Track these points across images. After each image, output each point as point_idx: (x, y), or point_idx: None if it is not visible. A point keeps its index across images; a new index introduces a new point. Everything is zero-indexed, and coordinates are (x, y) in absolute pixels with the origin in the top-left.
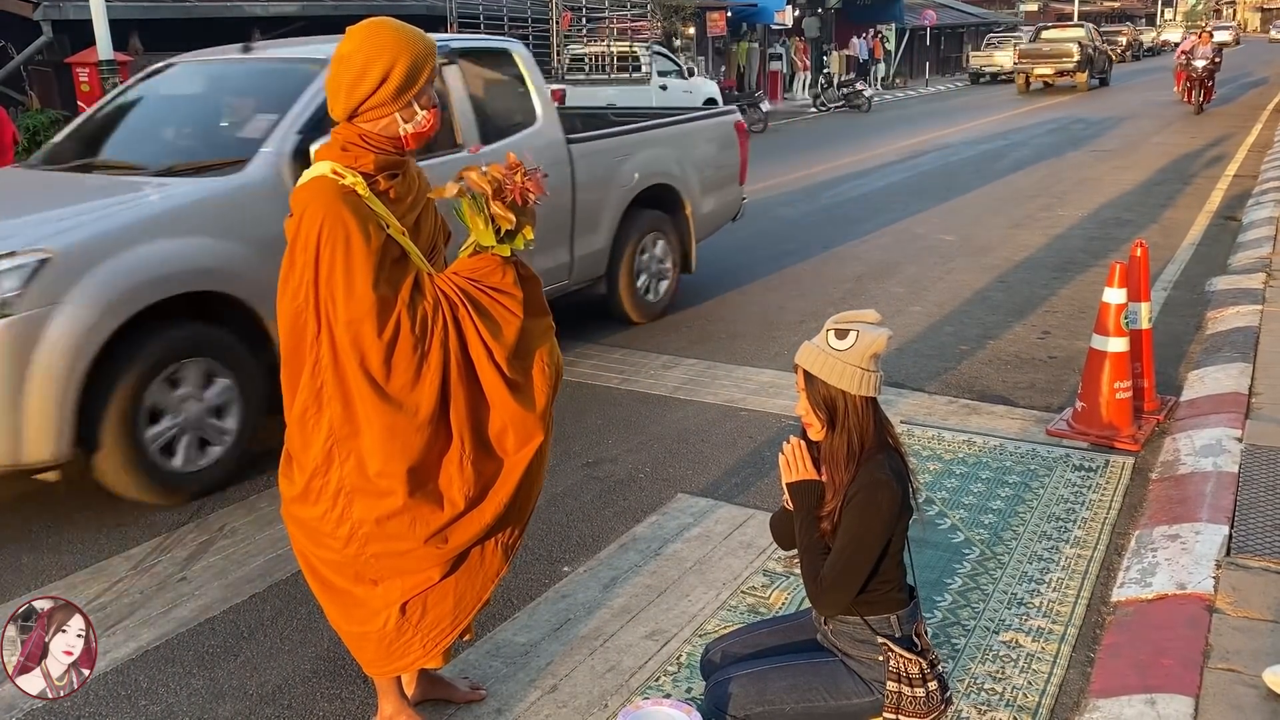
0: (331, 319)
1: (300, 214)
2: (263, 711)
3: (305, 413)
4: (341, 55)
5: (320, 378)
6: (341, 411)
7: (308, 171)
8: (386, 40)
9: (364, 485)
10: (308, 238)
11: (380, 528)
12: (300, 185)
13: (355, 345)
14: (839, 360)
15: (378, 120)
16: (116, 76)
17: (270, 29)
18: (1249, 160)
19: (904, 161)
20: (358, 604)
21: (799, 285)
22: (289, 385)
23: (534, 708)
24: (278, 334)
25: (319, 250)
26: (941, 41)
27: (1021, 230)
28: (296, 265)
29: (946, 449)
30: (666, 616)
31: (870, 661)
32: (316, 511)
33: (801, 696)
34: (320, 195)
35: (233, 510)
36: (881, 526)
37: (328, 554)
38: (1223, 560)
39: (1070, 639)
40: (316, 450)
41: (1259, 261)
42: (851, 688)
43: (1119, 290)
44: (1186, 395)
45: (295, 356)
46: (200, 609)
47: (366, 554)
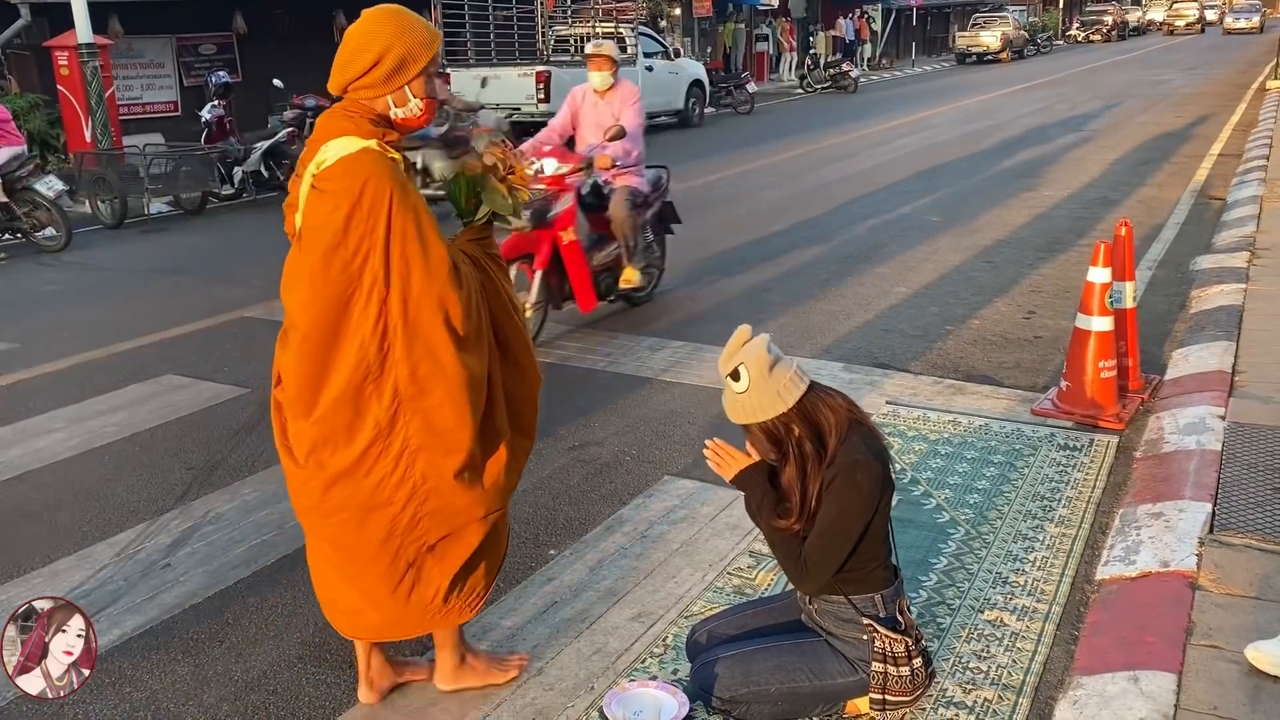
0: (406, 283)
1: (360, 186)
2: (248, 697)
3: (362, 383)
4: (348, 34)
5: (388, 341)
6: (409, 373)
7: (346, 144)
8: (386, 26)
9: (430, 443)
10: (375, 207)
11: (443, 483)
12: (348, 158)
13: (441, 304)
14: (750, 398)
15: (368, 100)
16: (96, 60)
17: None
18: (1233, 139)
19: (890, 142)
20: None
21: (785, 267)
22: (316, 365)
23: (520, 691)
24: None
25: (390, 218)
26: (928, 22)
27: (1007, 210)
28: (352, 236)
29: (932, 429)
30: (653, 598)
31: (855, 641)
32: (374, 479)
33: (786, 677)
34: (379, 166)
35: (217, 496)
36: (863, 505)
37: (375, 530)
38: (1205, 538)
39: (1055, 617)
40: (376, 416)
41: (1243, 240)
42: (836, 667)
43: (1104, 269)
44: (1171, 374)
45: (335, 333)
46: (185, 595)
47: (423, 512)
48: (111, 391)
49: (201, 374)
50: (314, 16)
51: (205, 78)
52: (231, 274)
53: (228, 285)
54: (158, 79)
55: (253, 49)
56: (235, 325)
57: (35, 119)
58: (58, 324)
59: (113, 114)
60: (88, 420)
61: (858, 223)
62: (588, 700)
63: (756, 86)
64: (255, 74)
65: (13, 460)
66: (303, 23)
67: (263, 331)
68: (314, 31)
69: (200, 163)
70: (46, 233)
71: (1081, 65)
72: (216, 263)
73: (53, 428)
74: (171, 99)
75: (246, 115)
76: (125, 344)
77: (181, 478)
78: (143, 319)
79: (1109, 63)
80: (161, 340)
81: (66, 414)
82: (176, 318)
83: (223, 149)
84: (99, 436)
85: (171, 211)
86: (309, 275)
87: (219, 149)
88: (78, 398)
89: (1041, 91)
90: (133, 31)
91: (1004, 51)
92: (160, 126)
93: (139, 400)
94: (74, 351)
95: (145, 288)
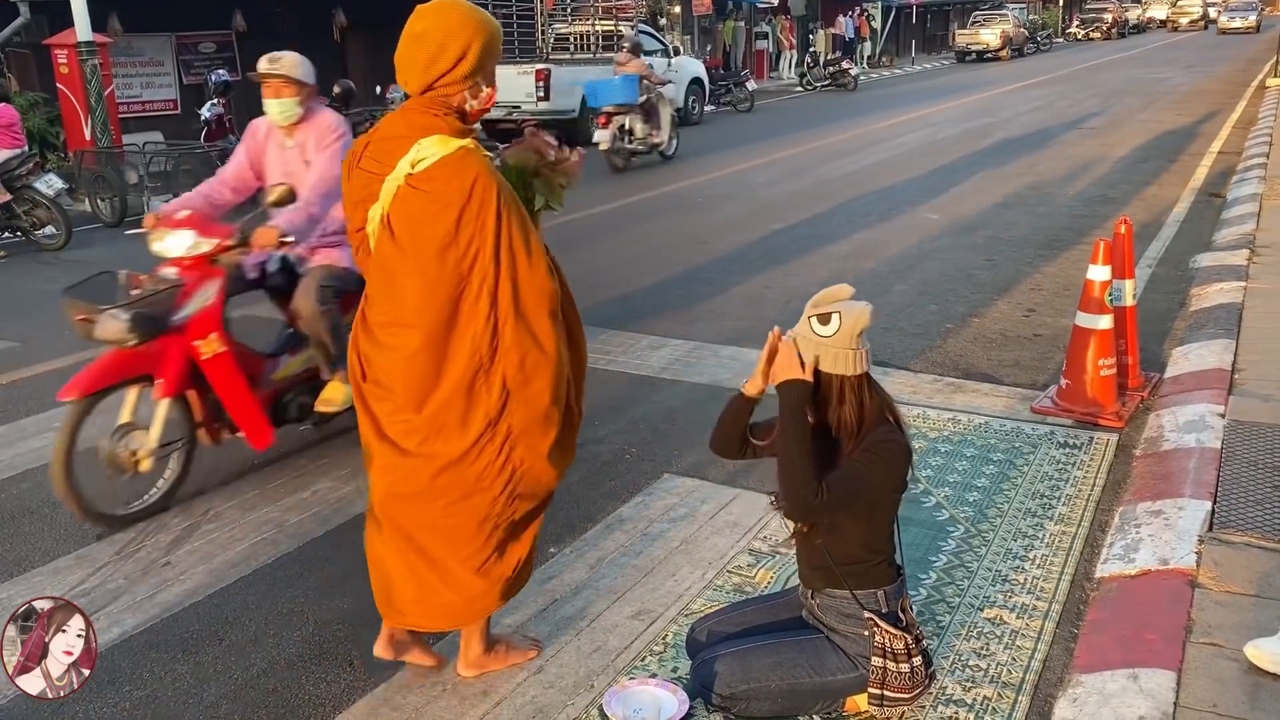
0: (515, 275)
1: (470, 184)
2: (247, 695)
3: (475, 377)
4: (417, 33)
5: (499, 334)
6: (517, 362)
7: (441, 142)
8: (467, 23)
9: (530, 429)
10: (484, 206)
11: (536, 465)
12: (451, 159)
13: (544, 293)
14: (829, 346)
15: (450, 96)
16: (96, 58)
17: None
18: (1233, 137)
19: (890, 140)
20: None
21: (785, 265)
22: (433, 362)
23: (520, 689)
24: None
25: (500, 213)
26: (928, 19)
27: (1007, 208)
28: (463, 235)
29: (931, 427)
30: (653, 596)
31: (855, 636)
32: (479, 466)
33: (786, 674)
34: (484, 166)
35: (217, 494)
36: (888, 470)
37: (474, 513)
38: (1205, 536)
39: (1054, 615)
40: (487, 408)
41: (1243, 238)
42: (836, 663)
43: (1103, 267)
44: (1170, 372)
45: (448, 329)
46: (184, 594)
47: (516, 494)
48: None
49: None
50: (313, 16)
51: (205, 76)
52: None
53: None
54: (157, 77)
55: (253, 47)
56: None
57: (35, 117)
58: (58, 322)
59: (112, 112)
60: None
61: (857, 220)
62: (588, 698)
63: (756, 84)
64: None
65: (12, 459)
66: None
67: (260, 329)
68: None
69: (200, 161)
70: (46, 231)
71: (1081, 63)
72: None
73: (53, 426)
74: (171, 97)
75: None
76: None
77: None
78: None
79: (1109, 60)
80: None
81: None
82: None
83: (222, 147)
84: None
85: None
86: (421, 276)
87: (218, 147)
88: None
89: (1041, 89)
90: (132, 29)
91: (1004, 49)
92: (160, 125)
93: None
94: (74, 350)
95: None
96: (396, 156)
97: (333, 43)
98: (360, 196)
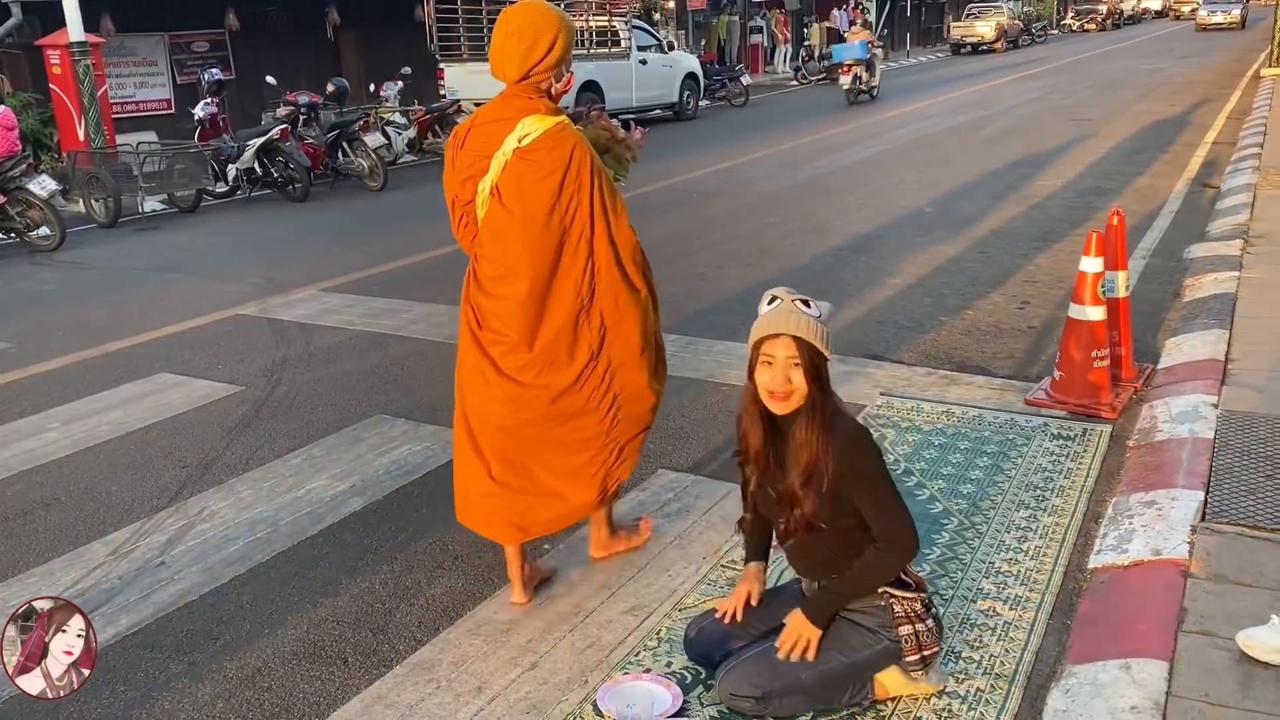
0: (607, 229)
1: (569, 153)
2: (242, 694)
3: (577, 317)
4: (511, 30)
5: (595, 280)
6: (612, 303)
7: (541, 120)
8: (553, 17)
9: (627, 361)
10: (580, 171)
11: (635, 392)
12: (552, 132)
13: (629, 243)
14: (820, 326)
15: (541, 82)
16: (89, 58)
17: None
18: (1228, 127)
19: (885, 133)
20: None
21: (780, 259)
22: (540, 305)
23: (514, 685)
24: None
25: (593, 179)
26: (922, 12)
27: (1001, 200)
28: (565, 195)
29: (925, 420)
30: (647, 591)
31: (872, 610)
32: (587, 391)
33: (816, 663)
34: (579, 137)
35: (211, 494)
36: (880, 460)
37: (587, 430)
38: (1198, 525)
39: (1047, 607)
40: (589, 342)
41: (1237, 228)
42: (860, 639)
43: (1096, 259)
44: (1164, 362)
45: (552, 277)
46: (179, 594)
47: (620, 417)
48: (105, 390)
49: (196, 372)
50: (306, 14)
51: (198, 75)
52: (225, 272)
53: (222, 283)
54: (151, 77)
55: (246, 46)
56: (230, 323)
57: (28, 118)
58: (51, 323)
59: (105, 112)
60: (82, 419)
61: (852, 213)
62: (582, 694)
63: (751, 79)
64: (248, 71)
65: (7, 460)
66: (295, 20)
67: (256, 329)
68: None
69: (194, 160)
70: (40, 232)
71: (1076, 54)
72: (210, 261)
73: (47, 427)
74: (165, 96)
75: (240, 113)
76: (119, 343)
77: (176, 476)
78: (136, 318)
79: (1104, 51)
80: (155, 339)
81: (60, 413)
82: (170, 316)
83: (216, 146)
84: (93, 435)
85: (166, 210)
86: (528, 233)
87: (212, 146)
88: (71, 397)
89: (1036, 81)
90: (125, 29)
91: (999, 41)
92: (154, 124)
93: (133, 399)
94: (68, 351)
95: (139, 286)
96: (502, 136)
97: (326, 41)
98: (469, 173)
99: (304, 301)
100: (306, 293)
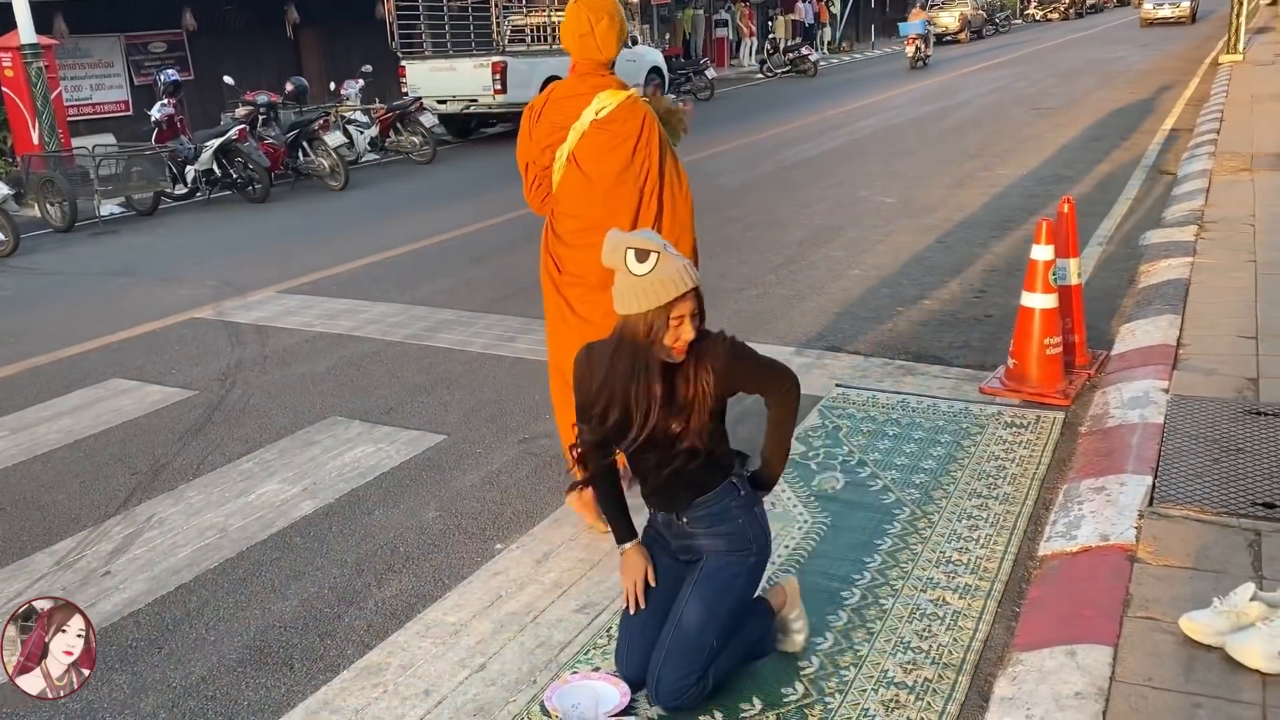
0: (673, 186)
1: (640, 122)
2: (185, 704)
3: None
4: (603, 15)
5: (663, 227)
6: (674, 245)
7: (614, 94)
8: (610, 3)
9: None
10: (649, 137)
11: None
12: (625, 105)
13: (689, 198)
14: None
15: (607, 60)
16: (41, 61)
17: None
18: (1186, 114)
19: (849, 125)
20: None
21: (740, 252)
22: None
23: (461, 687)
24: None
25: (662, 145)
26: (886, 4)
27: (962, 190)
28: (638, 159)
29: (880, 411)
30: (598, 589)
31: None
32: None
33: (713, 618)
34: (647, 108)
35: (161, 500)
36: (742, 343)
37: None
38: (1145, 510)
39: (996, 595)
40: None
41: (1192, 214)
42: (736, 568)
43: (1046, 247)
44: (1117, 349)
45: (629, 227)
46: (124, 603)
47: None
48: (56, 397)
49: (149, 377)
50: (265, 12)
51: (155, 76)
52: (182, 275)
53: (178, 286)
54: (107, 78)
55: (204, 46)
56: (185, 327)
57: None
58: (2, 330)
59: (60, 115)
60: (31, 427)
61: (814, 206)
62: (530, 694)
63: (716, 72)
64: (206, 71)
65: None
66: (254, 19)
67: (212, 332)
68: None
69: (151, 163)
70: None
71: (1039, 43)
72: (167, 264)
73: None
74: (122, 98)
75: (198, 113)
76: (71, 349)
77: (125, 483)
78: (90, 323)
79: (1067, 40)
80: (109, 344)
81: (9, 422)
82: (125, 321)
83: (173, 148)
84: (41, 444)
85: (124, 213)
86: (608, 192)
87: (169, 148)
88: (21, 405)
89: (999, 70)
90: (79, 30)
91: (962, 32)
92: (111, 126)
93: (84, 405)
94: (18, 358)
95: (94, 291)
96: (579, 108)
97: (285, 40)
98: (548, 142)
99: (261, 303)
100: (264, 294)
